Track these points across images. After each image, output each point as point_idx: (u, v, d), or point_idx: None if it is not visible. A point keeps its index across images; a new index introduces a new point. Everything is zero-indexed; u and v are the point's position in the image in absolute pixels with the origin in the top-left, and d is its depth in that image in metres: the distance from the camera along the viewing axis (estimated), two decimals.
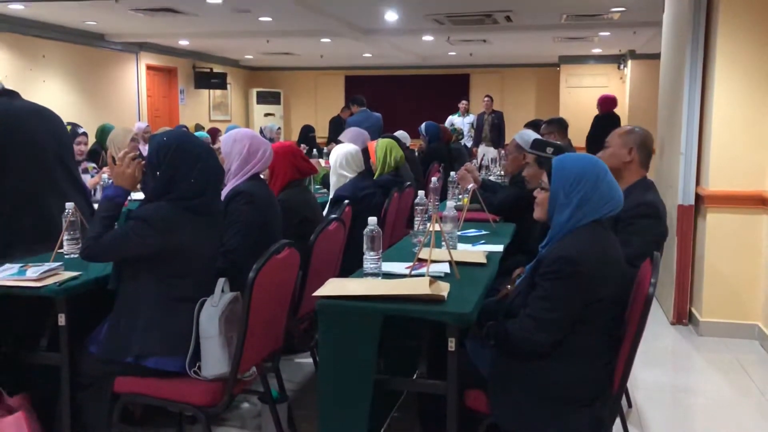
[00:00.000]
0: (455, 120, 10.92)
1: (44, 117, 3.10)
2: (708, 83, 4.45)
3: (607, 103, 8.77)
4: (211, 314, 2.37)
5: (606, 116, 8.34)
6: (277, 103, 14.77)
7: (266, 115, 14.39)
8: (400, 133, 7.00)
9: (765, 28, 4.17)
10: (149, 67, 11.36)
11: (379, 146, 4.42)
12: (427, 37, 9.78)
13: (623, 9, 7.45)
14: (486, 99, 11.25)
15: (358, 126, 7.35)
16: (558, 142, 4.00)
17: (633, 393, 3.44)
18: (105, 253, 2.41)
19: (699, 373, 3.96)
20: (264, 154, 3.12)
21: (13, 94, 3.05)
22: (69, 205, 2.85)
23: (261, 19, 8.30)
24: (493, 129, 10.76)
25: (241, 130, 3.22)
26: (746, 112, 4.26)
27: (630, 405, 3.32)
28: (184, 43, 11.20)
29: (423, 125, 7.63)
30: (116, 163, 2.54)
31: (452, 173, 4.71)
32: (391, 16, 8.02)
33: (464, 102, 11.20)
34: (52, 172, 3.02)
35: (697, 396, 3.63)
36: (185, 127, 8.49)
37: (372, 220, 2.53)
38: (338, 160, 4.20)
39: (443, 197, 5.02)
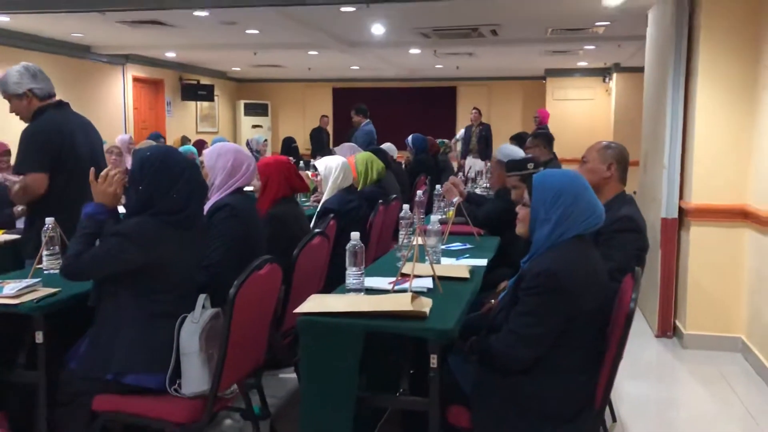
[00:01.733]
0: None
1: (87, 129, 3.50)
2: (690, 97, 4.49)
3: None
4: (191, 331, 2.35)
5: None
6: (265, 114, 14.76)
7: (254, 126, 14.37)
8: (387, 146, 7.02)
9: (746, 42, 4.22)
10: (136, 79, 11.32)
11: (359, 160, 4.42)
12: (414, 50, 9.83)
13: (608, 23, 7.52)
14: (474, 111, 11.31)
15: (370, 139, 7.42)
16: (530, 156, 4.03)
17: (617, 406, 3.44)
18: (85, 271, 2.38)
19: (683, 386, 3.97)
20: (248, 168, 3.10)
21: (65, 105, 3.45)
22: (49, 220, 2.83)
23: (248, 31, 8.31)
24: (480, 141, 10.82)
25: (225, 144, 3.21)
26: (728, 126, 4.30)
27: (614, 419, 3.32)
28: (170, 54, 11.18)
29: (410, 137, 7.66)
30: (98, 180, 2.52)
31: (438, 186, 4.71)
32: (377, 29, 8.06)
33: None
34: (84, 178, 3.22)
35: (681, 409, 3.64)
36: (162, 137, 8.44)
37: (355, 235, 2.53)
38: (336, 172, 4.12)
39: (429, 210, 5.03)
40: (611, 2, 6.09)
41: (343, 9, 6.56)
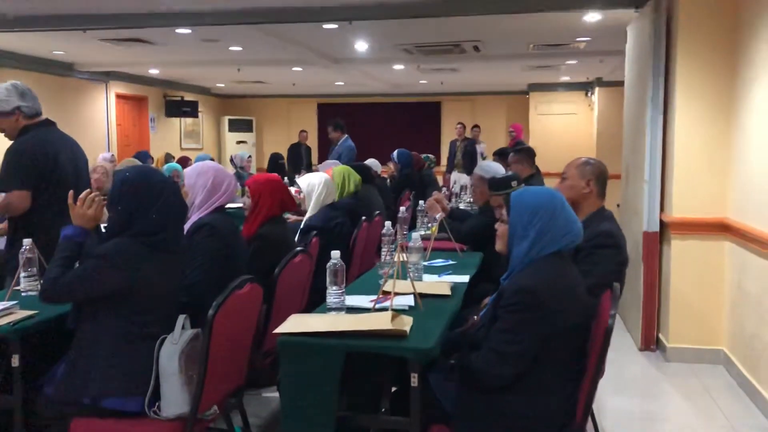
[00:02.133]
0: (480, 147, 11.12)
1: (72, 148, 3.53)
2: (669, 112, 4.54)
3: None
4: (171, 352, 2.33)
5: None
6: (250, 130, 14.75)
7: (238, 142, 14.34)
8: (371, 161, 7.04)
9: (723, 57, 4.28)
10: (119, 96, 11.28)
11: (336, 173, 4.42)
12: (398, 66, 9.88)
13: (588, 39, 7.60)
14: (458, 126, 11.38)
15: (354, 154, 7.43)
16: (512, 173, 4.06)
17: (600, 421, 3.44)
18: (64, 295, 2.36)
19: (666, 400, 3.98)
20: (229, 186, 3.10)
21: (51, 124, 3.50)
22: (26, 242, 2.80)
23: (231, 48, 8.31)
24: (465, 156, 10.88)
25: (205, 163, 3.20)
26: (707, 140, 4.35)
27: None
28: (154, 71, 11.16)
29: (395, 152, 7.67)
30: (77, 202, 2.50)
31: (421, 202, 4.73)
32: (361, 45, 8.09)
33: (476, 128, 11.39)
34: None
35: (664, 423, 3.64)
36: (149, 156, 8.41)
37: (335, 254, 2.52)
38: (319, 189, 4.11)
39: (413, 226, 5.03)
40: (591, 18, 6.17)
41: (326, 26, 6.59)
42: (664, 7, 4.58)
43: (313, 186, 4.05)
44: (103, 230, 2.51)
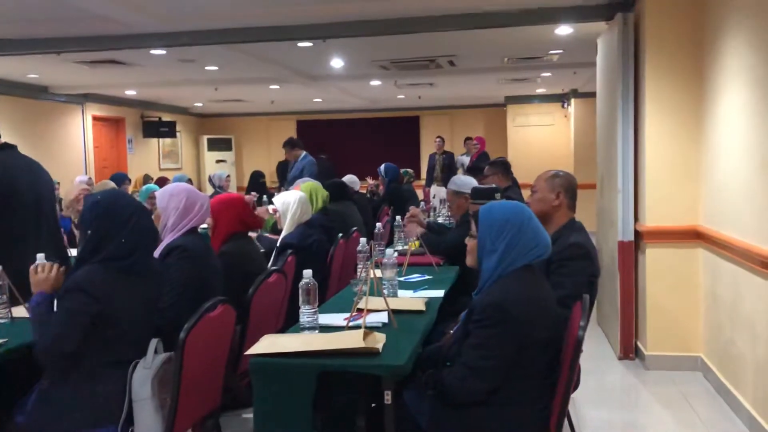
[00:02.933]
0: (463, 159, 11.18)
1: (33, 171, 3.35)
2: (640, 122, 4.60)
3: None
4: (143, 376, 2.31)
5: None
6: (229, 149, 14.71)
7: (218, 161, 14.30)
8: (349, 178, 7.05)
9: (690, 68, 4.35)
10: (95, 118, 11.22)
11: (303, 190, 4.42)
12: (375, 82, 9.93)
13: (561, 51, 7.69)
14: (437, 140, 11.44)
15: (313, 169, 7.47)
16: (493, 185, 4.09)
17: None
18: (58, 342, 2.28)
19: (645, 409, 4.00)
20: (201, 208, 3.08)
21: (9, 148, 3.32)
22: None
23: (207, 68, 8.31)
24: (444, 169, 10.94)
25: (177, 185, 3.19)
26: (677, 149, 4.42)
27: None
28: (131, 92, 11.12)
29: (383, 166, 7.69)
30: (37, 272, 2.46)
31: (398, 217, 4.74)
32: (336, 62, 8.13)
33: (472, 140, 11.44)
34: (29, 223, 3.23)
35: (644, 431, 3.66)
36: (127, 179, 8.35)
37: (307, 273, 2.52)
38: (294, 207, 4.10)
39: (390, 242, 5.04)
40: (563, 31, 6.25)
41: (300, 44, 6.62)
42: (632, 20, 4.65)
43: (288, 204, 4.04)
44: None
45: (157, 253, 2.95)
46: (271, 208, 6.01)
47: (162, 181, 9.48)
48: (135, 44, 6.25)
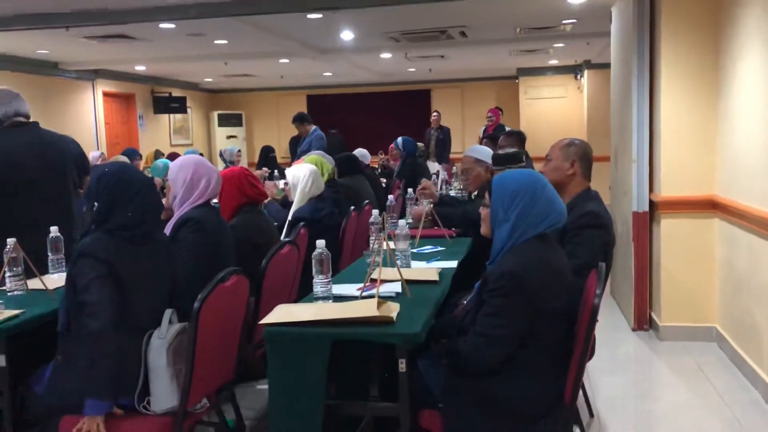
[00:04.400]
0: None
1: (45, 149, 3.46)
2: (655, 91, 4.53)
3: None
4: (158, 346, 2.32)
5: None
6: (239, 124, 14.68)
7: (228, 137, 14.27)
8: (359, 151, 7.02)
9: (705, 35, 4.27)
10: (106, 94, 11.21)
11: (308, 162, 4.40)
12: (385, 55, 9.83)
13: (574, 21, 7.57)
14: (435, 115, 11.36)
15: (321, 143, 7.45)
16: (515, 149, 4.03)
17: (594, 402, 3.45)
18: (98, 318, 2.24)
19: (659, 379, 4.00)
20: (209, 181, 3.05)
21: (22, 126, 3.48)
22: (10, 241, 2.78)
23: (216, 42, 8.26)
24: (438, 144, 10.88)
25: (188, 158, 3.17)
26: (692, 118, 4.35)
27: (591, 414, 3.33)
28: (140, 68, 11.08)
29: (400, 139, 7.59)
30: None
31: (410, 190, 4.71)
32: (347, 35, 8.05)
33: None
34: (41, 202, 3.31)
35: (658, 402, 3.66)
36: (138, 154, 8.38)
37: (320, 243, 2.51)
38: (304, 180, 4.09)
39: (402, 215, 5.02)
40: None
41: (310, 16, 6.55)
42: None
43: (298, 178, 4.03)
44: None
45: (169, 226, 2.95)
46: (281, 182, 6.00)
47: (173, 156, 9.47)
48: (143, 18, 6.21)
